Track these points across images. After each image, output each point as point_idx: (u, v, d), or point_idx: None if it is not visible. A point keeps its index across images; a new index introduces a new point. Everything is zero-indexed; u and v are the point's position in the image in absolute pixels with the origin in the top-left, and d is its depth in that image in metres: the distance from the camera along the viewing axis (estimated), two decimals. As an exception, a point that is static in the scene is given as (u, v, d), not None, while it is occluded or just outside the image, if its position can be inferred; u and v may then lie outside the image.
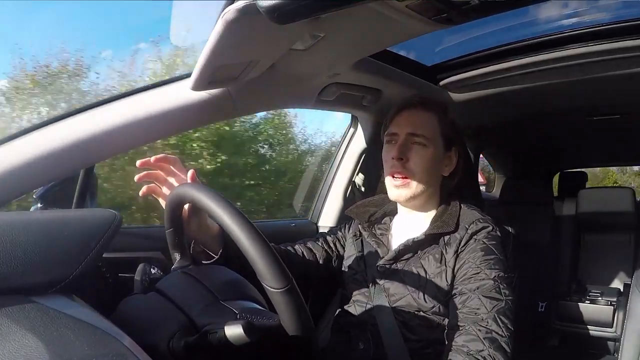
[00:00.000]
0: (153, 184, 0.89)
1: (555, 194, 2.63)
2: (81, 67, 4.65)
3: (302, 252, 1.12)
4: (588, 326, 1.92)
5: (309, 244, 1.16)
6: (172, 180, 0.90)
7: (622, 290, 1.98)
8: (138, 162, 0.88)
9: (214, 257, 0.93)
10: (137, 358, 0.47)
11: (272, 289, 0.60)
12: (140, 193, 0.89)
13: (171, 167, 0.90)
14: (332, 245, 1.18)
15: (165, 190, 0.89)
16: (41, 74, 4.60)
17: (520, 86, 1.35)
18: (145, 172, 0.89)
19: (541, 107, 1.67)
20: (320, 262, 1.13)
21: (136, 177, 0.89)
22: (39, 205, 0.94)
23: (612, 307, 1.87)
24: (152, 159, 0.88)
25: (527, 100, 1.54)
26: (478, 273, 0.92)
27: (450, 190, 1.08)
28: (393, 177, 1.02)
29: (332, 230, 1.23)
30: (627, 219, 2.09)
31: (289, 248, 1.12)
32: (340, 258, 1.16)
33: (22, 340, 0.44)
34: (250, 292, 0.76)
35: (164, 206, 0.85)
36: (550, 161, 2.67)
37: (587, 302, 1.93)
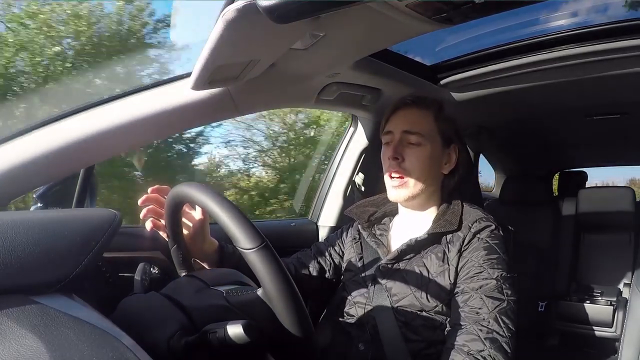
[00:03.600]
0: (154, 219, 0.90)
1: (555, 193, 2.63)
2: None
3: (295, 267, 1.12)
4: (588, 326, 1.91)
5: (302, 258, 1.15)
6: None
7: (622, 290, 1.98)
8: (140, 201, 0.90)
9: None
10: (137, 358, 0.47)
11: (247, 250, 0.60)
12: (148, 229, 0.90)
13: (165, 196, 0.88)
14: (326, 254, 1.17)
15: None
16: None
17: (520, 86, 1.35)
18: (146, 209, 0.90)
19: (541, 107, 1.67)
20: (313, 274, 1.13)
21: (141, 216, 0.90)
22: (39, 205, 0.94)
23: (612, 307, 1.86)
24: (149, 190, 0.90)
25: (527, 100, 1.54)
26: (481, 272, 0.92)
27: (450, 189, 1.08)
28: (391, 177, 1.02)
29: (329, 239, 1.22)
30: (627, 219, 2.09)
31: None
32: (336, 267, 1.16)
33: (22, 340, 0.44)
34: (242, 280, 0.77)
35: (165, 237, 0.87)
36: (550, 161, 2.67)
37: (587, 302, 1.92)
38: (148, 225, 0.89)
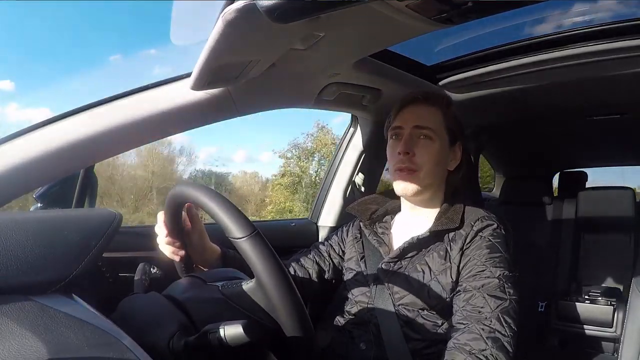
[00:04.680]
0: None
1: (555, 193, 2.63)
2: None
3: (294, 269, 1.12)
4: (588, 326, 1.91)
5: (301, 260, 1.15)
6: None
7: (622, 290, 1.98)
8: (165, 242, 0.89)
9: None
10: (138, 357, 0.47)
11: (238, 239, 0.60)
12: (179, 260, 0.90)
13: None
14: (325, 255, 1.17)
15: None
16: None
17: (520, 86, 1.35)
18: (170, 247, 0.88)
19: (541, 107, 1.67)
20: (312, 275, 1.13)
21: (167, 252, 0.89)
22: (39, 205, 0.94)
23: (612, 307, 1.86)
24: (162, 221, 0.87)
25: (527, 100, 1.54)
26: (483, 271, 0.92)
27: (454, 186, 1.08)
28: (400, 170, 1.01)
29: (328, 239, 1.22)
30: (627, 219, 2.08)
31: None
32: (336, 268, 1.16)
33: (22, 340, 0.44)
34: (238, 276, 0.78)
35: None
36: (550, 161, 2.67)
37: (587, 302, 1.92)
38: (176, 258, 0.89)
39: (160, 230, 0.85)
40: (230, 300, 0.68)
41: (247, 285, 0.68)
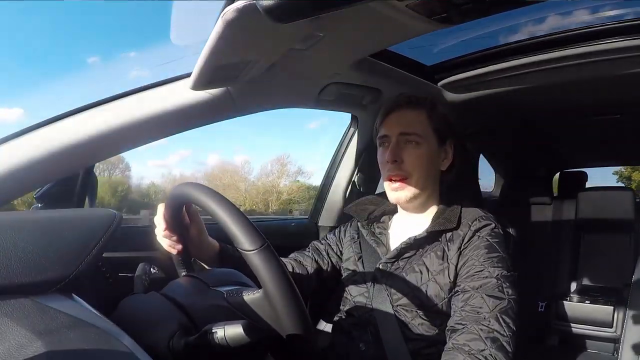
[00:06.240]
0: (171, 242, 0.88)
1: (555, 193, 2.63)
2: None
3: (292, 267, 1.12)
4: (588, 326, 1.92)
5: (299, 258, 1.15)
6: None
7: (622, 290, 1.98)
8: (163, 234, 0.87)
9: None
10: (138, 358, 0.48)
11: (248, 252, 0.60)
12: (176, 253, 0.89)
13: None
14: (324, 254, 1.17)
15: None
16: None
17: (521, 86, 1.35)
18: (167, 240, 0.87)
19: (541, 107, 1.67)
20: (311, 273, 1.12)
21: (165, 245, 0.88)
22: (39, 205, 0.94)
23: (612, 307, 1.87)
24: (162, 213, 0.86)
25: (527, 101, 1.54)
26: (481, 271, 0.92)
27: (449, 186, 1.08)
28: (391, 180, 1.02)
29: (326, 238, 1.22)
30: (627, 219, 2.09)
31: None
32: (334, 267, 1.16)
33: (21, 340, 0.44)
34: (242, 280, 0.77)
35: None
36: (550, 161, 2.67)
37: (587, 302, 1.93)
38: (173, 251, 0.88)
39: (159, 223, 0.85)
40: (235, 309, 0.67)
41: (254, 296, 0.67)
